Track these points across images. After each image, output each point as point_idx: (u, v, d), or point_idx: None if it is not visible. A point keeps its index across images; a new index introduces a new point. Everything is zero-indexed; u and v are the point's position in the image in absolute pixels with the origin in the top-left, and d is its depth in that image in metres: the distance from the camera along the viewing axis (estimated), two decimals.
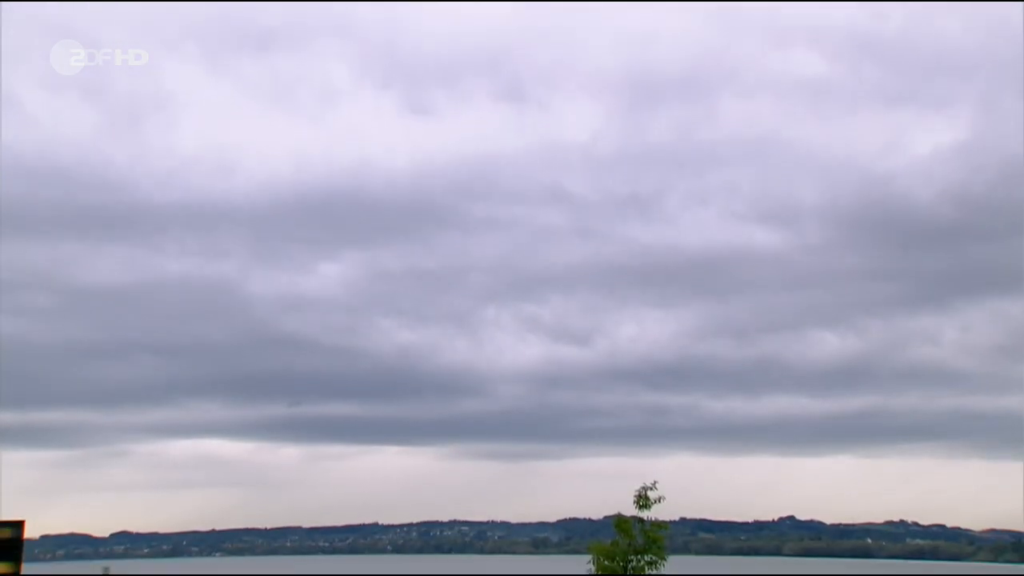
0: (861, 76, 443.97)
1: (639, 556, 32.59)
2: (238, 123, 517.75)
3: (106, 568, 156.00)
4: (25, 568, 24.53)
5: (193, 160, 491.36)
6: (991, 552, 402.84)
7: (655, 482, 32.87)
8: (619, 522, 33.17)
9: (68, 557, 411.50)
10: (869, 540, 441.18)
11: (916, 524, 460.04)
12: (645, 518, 32.85)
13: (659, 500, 32.82)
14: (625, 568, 32.52)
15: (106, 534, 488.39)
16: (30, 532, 25.76)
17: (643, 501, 33.04)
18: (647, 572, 32.49)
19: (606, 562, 32.69)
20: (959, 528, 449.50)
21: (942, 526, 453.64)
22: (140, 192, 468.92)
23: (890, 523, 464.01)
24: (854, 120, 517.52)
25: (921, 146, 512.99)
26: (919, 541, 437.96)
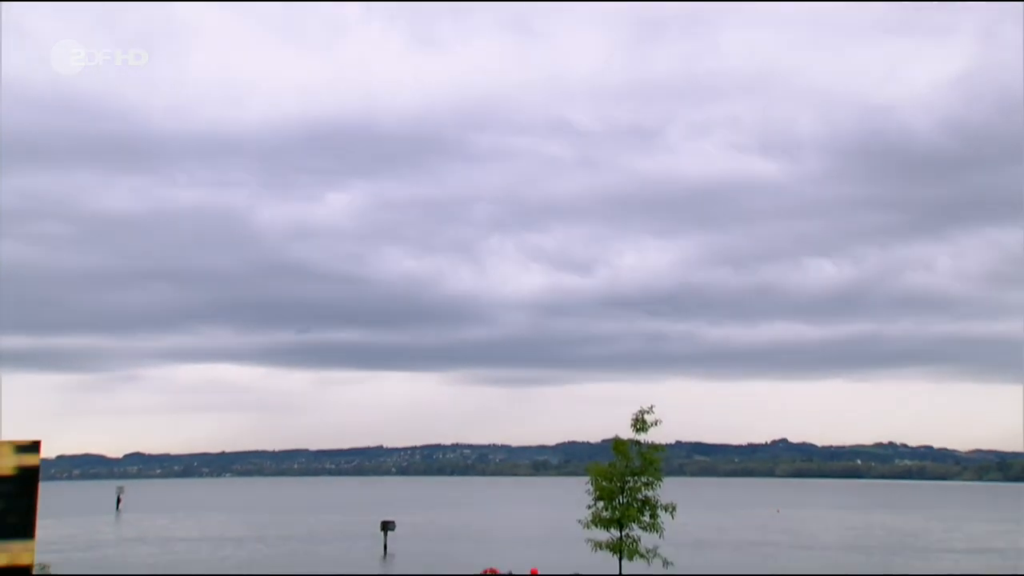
0: (861, 7, 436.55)
1: (636, 478, 31.84)
2: (248, 56, 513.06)
3: (120, 488, 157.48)
4: (41, 487, 24.31)
5: (204, 92, 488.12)
6: (976, 472, 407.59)
7: (652, 406, 32.19)
8: (617, 445, 32.33)
9: (83, 477, 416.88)
10: (859, 461, 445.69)
11: (904, 446, 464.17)
12: (642, 441, 31.87)
13: (655, 424, 32.08)
14: (622, 489, 31.65)
15: (120, 455, 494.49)
16: (47, 452, 26.40)
17: (640, 425, 32.06)
18: (643, 493, 31.52)
19: (604, 483, 31.99)
20: (946, 449, 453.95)
21: (930, 447, 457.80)
22: (152, 123, 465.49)
23: (879, 445, 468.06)
24: (854, 51, 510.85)
25: (920, 77, 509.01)
26: (907, 462, 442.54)
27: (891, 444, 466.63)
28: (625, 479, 32.04)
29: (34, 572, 11.74)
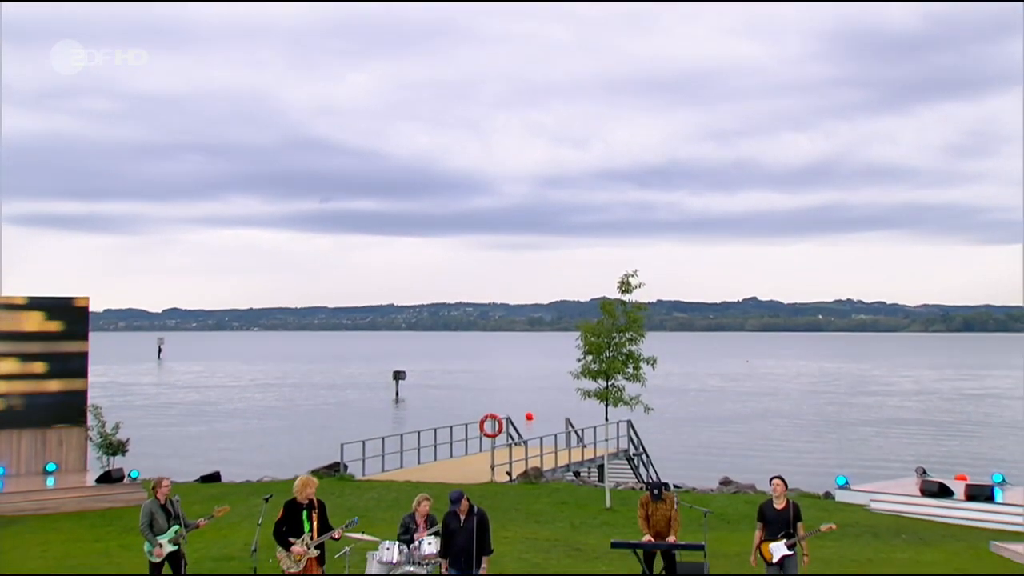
0: None
1: (621, 334, 31.95)
2: None
3: (160, 339, 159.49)
4: (90, 337, 25.29)
5: None
6: (923, 324, 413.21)
7: (636, 271, 32.23)
8: (604, 305, 32.45)
9: (127, 328, 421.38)
10: (820, 316, 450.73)
11: (861, 302, 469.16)
12: (627, 301, 31.90)
13: (639, 286, 32.18)
14: (609, 344, 31.86)
15: (159, 310, 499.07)
16: (94, 307, 27.03)
17: (625, 287, 32.08)
18: (628, 348, 31.76)
19: (592, 339, 32.14)
20: (897, 304, 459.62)
21: (883, 303, 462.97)
22: (189, 8, 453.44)
23: (838, 301, 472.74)
24: None
25: None
26: (863, 316, 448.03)
27: (849, 300, 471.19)
28: (611, 335, 32.21)
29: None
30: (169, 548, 11.18)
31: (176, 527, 11.23)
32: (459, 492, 10.28)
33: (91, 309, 25.62)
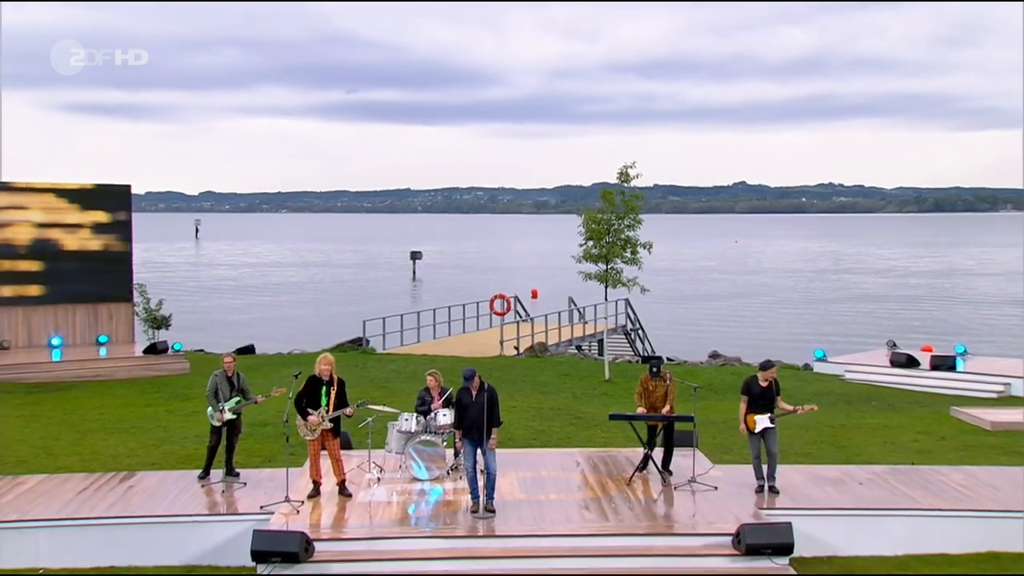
0: None
1: (620, 221, 31.67)
2: None
3: (197, 220, 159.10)
4: (133, 217, 25.51)
5: None
6: (898, 205, 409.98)
7: (634, 162, 31.71)
8: (604, 194, 32.19)
9: (167, 210, 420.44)
10: (804, 199, 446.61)
11: (841, 185, 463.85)
12: (625, 191, 31.56)
13: (637, 176, 31.73)
14: (608, 230, 31.68)
15: (196, 192, 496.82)
16: (136, 189, 27.51)
17: (624, 177, 31.68)
18: (626, 234, 31.61)
19: (594, 225, 31.89)
20: (875, 187, 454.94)
21: (861, 186, 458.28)
22: None
23: (821, 185, 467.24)
24: None
25: None
26: (843, 199, 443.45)
27: (830, 184, 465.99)
28: (611, 222, 31.99)
29: None
30: (229, 416, 11.51)
31: (238, 398, 11.53)
32: (472, 370, 10.33)
33: (133, 192, 25.86)
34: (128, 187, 25.34)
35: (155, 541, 10.22)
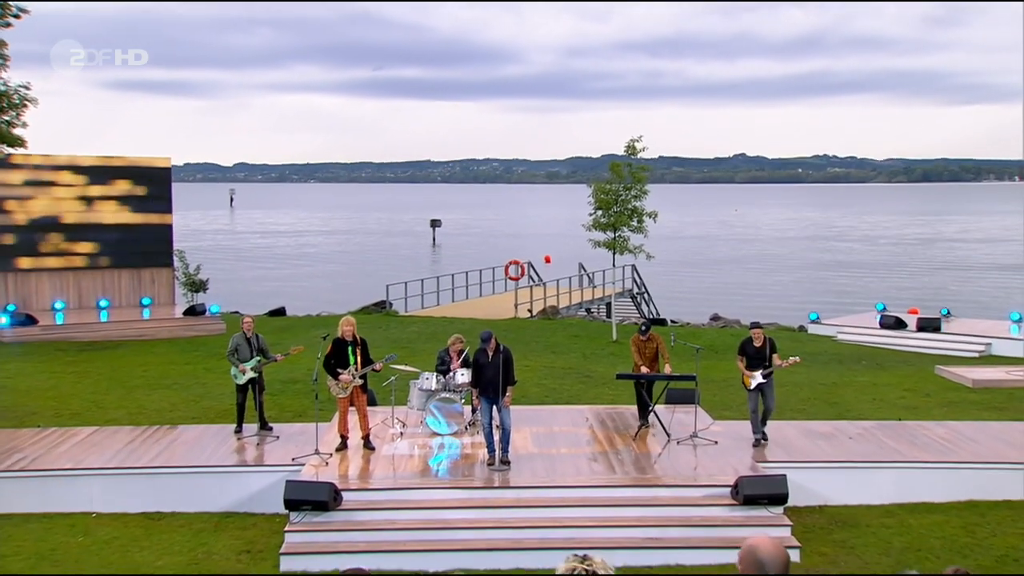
0: None
1: (627, 191, 31.32)
2: None
3: (232, 190, 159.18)
4: (172, 187, 25.67)
5: None
6: (887, 176, 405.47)
7: (641, 136, 31.02)
8: (613, 166, 31.63)
9: (203, 180, 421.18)
10: (800, 170, 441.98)
11: (835, 156, 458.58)
12: (632, 164, 31.22)
13: (643, 149, 31.19)
14: (616, 200, 31.33)
15: (230, 164, 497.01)
16: (175, 161, 27.03)
17: (631, 149, 31.18)
18: (632, 204, 31.29)
19: (603, 196, 31.54)
20: (867, 158, 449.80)
21: (854, 157, 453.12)
22: None
23: (816, 156, 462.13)
24: None
25: None
26: (836, 169, 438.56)
27: (825, 156, 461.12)
28: (619, 193, 31.71)
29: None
30: (250, 374, 11.50)
31: (258, 358, 11.55)
32: (489, 332, 10.31)
33: (172, 163, 26.02)
34: (168, 160, 25.60)
35: (196, 489, 10.37)
